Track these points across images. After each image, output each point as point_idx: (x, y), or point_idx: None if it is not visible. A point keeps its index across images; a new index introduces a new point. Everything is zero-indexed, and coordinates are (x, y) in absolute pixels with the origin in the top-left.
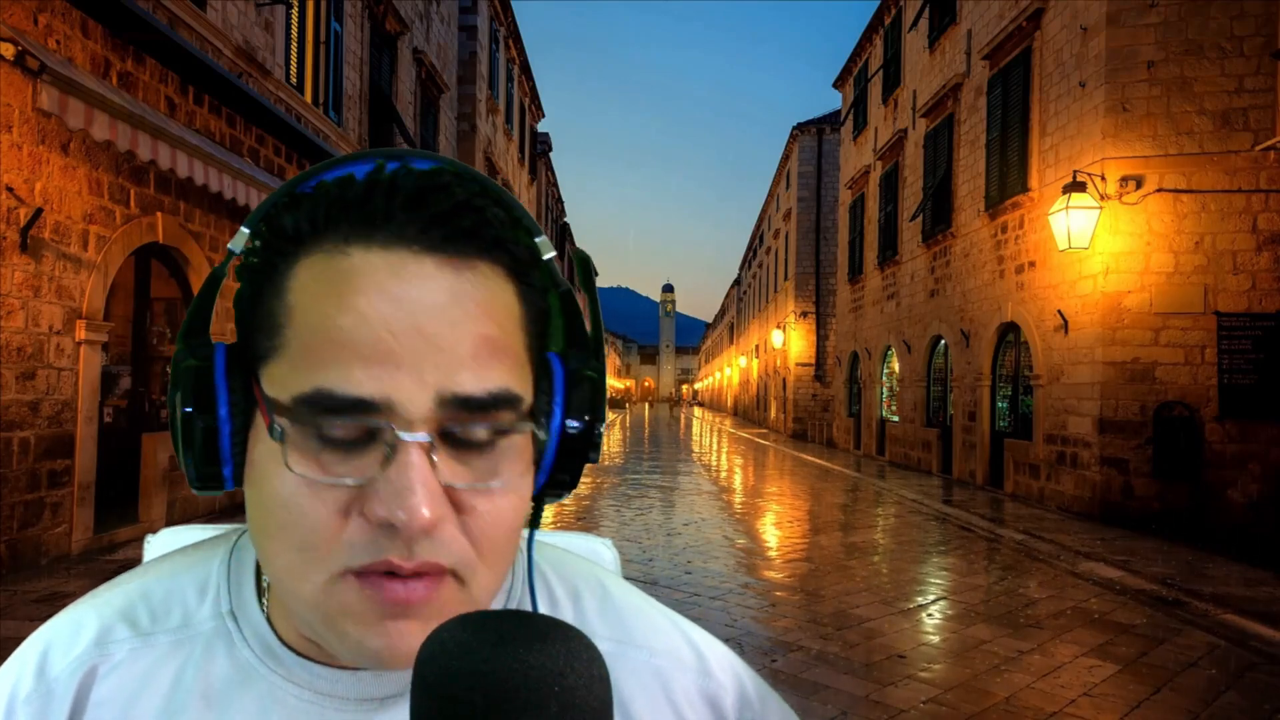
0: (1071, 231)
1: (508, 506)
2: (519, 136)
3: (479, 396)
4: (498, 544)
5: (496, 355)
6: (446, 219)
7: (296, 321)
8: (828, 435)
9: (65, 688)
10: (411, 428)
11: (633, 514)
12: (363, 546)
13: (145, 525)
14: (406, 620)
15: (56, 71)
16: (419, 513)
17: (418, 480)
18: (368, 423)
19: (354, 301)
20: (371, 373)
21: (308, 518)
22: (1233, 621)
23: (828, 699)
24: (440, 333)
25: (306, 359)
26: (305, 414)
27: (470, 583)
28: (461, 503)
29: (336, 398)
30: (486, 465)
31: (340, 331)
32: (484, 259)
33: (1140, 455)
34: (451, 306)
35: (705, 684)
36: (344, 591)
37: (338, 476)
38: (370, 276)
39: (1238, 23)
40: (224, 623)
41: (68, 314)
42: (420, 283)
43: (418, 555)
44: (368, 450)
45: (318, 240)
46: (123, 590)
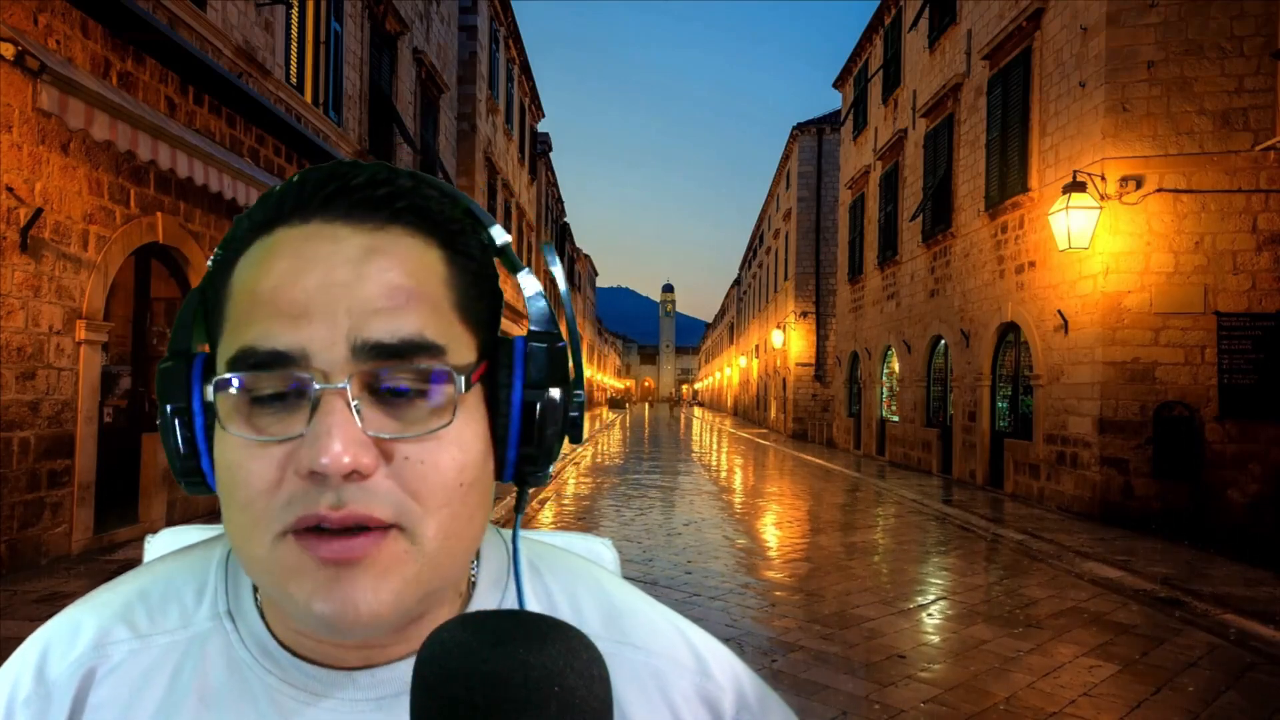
0: (1071, 231)
1: (446, 456)
2: (519, 136)
3: (391, 343)
4: (440, 495)
5: (410, 303)
6: (357, 189)
7: (233, 298)
8: (828, 435)
9: (64, 690)
10: (329, 378)
11: (633, 514)
12: (296, 501)
13: (145, 525)
14: (351, 582)
15: (56, 71)
16: (339, 458)
17: (336, 424)
18: (288, 375)
19: (271, 266)
20: (287, 326)
21: (246, 477)
22: (1233, 621)
23: (828, 699)
24: (350, 283)
25: (237, 325)
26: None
27: (419, 535)
28: (392, 452)
29: (258, 352)
30: (414, 415)
31: (261, 293)
32: (398, 223)
33: (1140, 455)
34: (362, 260)
35: (703, 685)
36: (286, 552)
37: (272, 435)
38: (286, 244)
39: (1238, 23)
40: (221, 623)
41: (68, 314)
42: (331, 242)
43: (347, 504)
44: (298, 408)
45: (255, 234)
46: (120, 592)
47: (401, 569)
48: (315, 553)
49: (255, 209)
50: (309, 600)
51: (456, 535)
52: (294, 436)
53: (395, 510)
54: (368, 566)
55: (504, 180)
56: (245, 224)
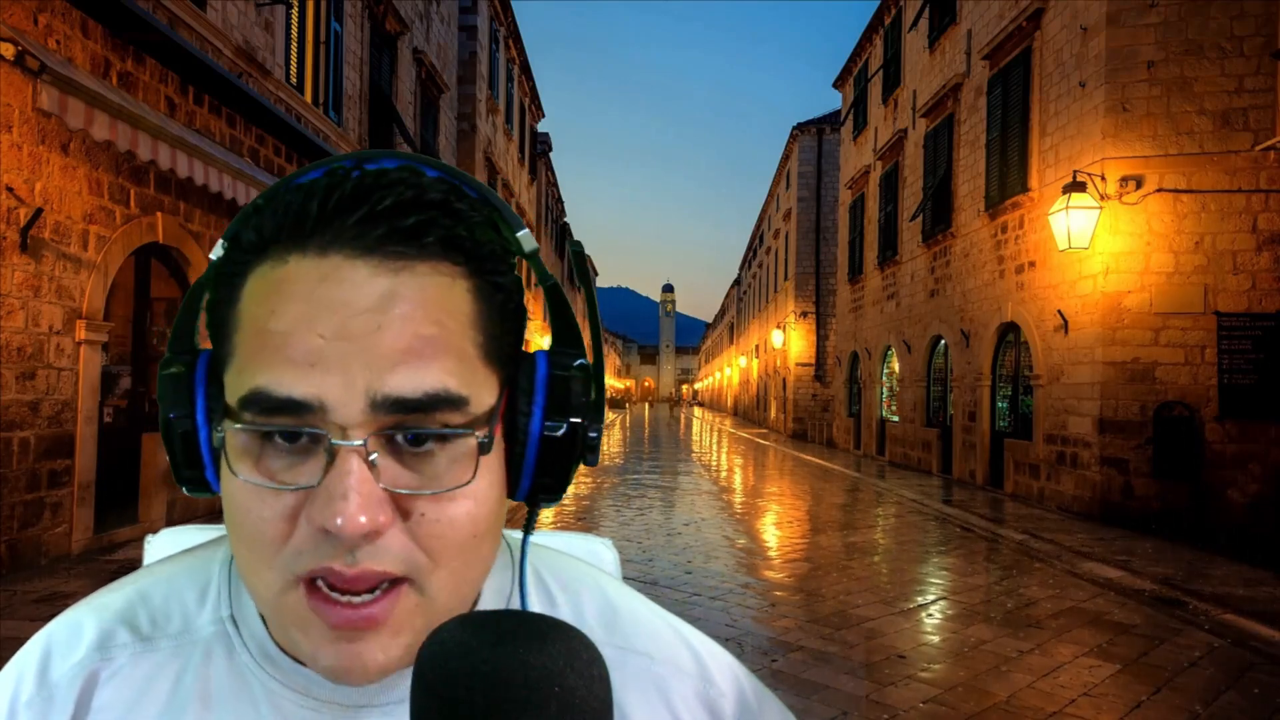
0: (1071, 231)
1: (462, 512)
2: (519, 136)
3: (413, 397)
4: (453, 550)
5: (433, 354)
6: (383, 218)
7: (243, 328)
8: (828, 435)
9: (66, 693)
10: (348, 433)
11: (633, 514)
12: (307, 552)
13: (145, 525)
14: (361, 642)
15: (56, 71)
16: (355, 520)
17: (352, 486)
18: (304, 427)
19: (285, 307)
20: (302, 374)
21: (256, 521)
22: (1233, 621)
23: (828, 699)
24: (369, 334)
25: (247, 363)
26: (246, 415)
27: (428, 589)
28: (408, 508)
29: (270, 397)
30: (434, 470)
31: (273, 336)
32: (424, 259)
33: (1140, 455)
34: (382, 308)
35: (705, 691)
36: (294, 602)
37: (282, 483)
38: (302, 282)
39: (1238, 23)
40: (224, 627)
41: (68, 314)
42: (351, 286)
43: (360, 562)
44: (311, 456)
45: (266, 251)
46: (122, 594)
47: (412, 624)
48: (324, 617)
49: (265, 214)
50: (315, 652)
51: (465, 581)
52: (304, 486)
53: (407, 566)
54: (379, 629)
55: (504, 180)
56: (253, 233)
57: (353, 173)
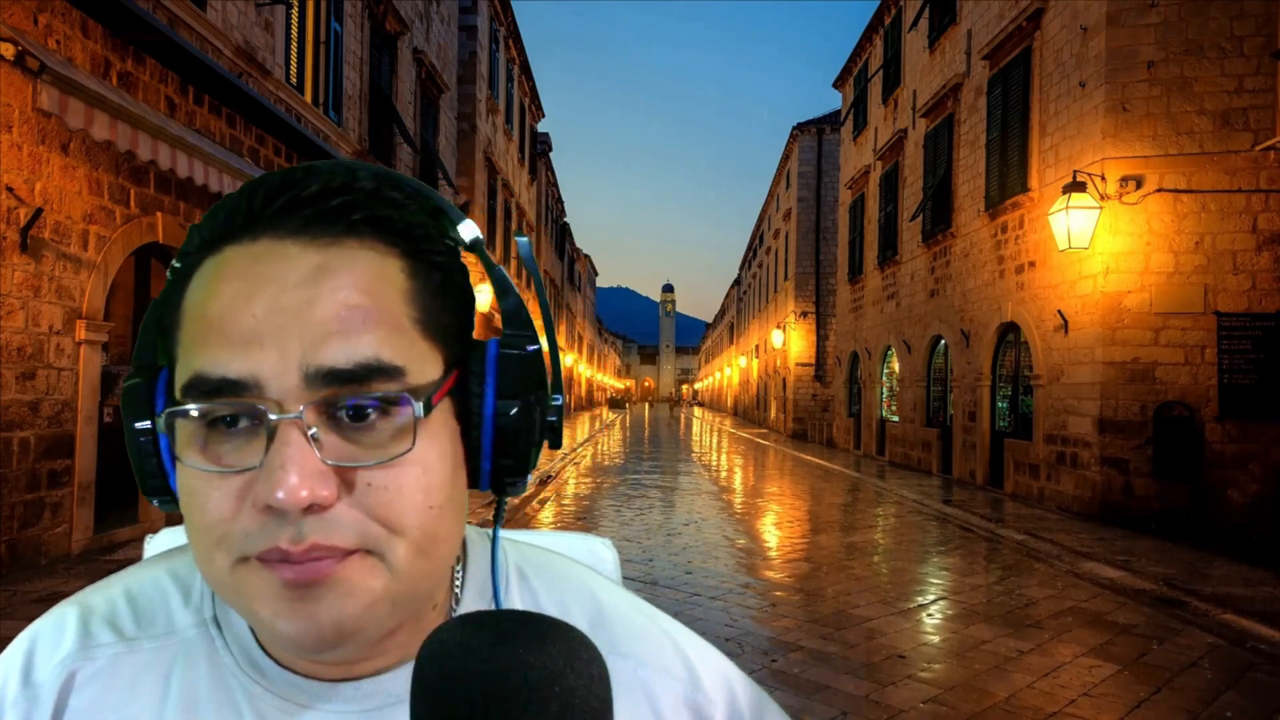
0: (1071, 231)
1: (409, 479)
2: (519, 136)
3: (346, 368)
4: (409, 518)
5: (365, 324)
6: (310, 201)
7: (183, 318)
8: (828, 435)
9: (49, 691)
10: (284, 407)
11: (633, 514)
12: (256, 533)
13: (145, 525)
14: (316, 600)
15: (56, 71)
16: (295, 492)
17: (291, 457)
18: (242, 405)
19: (220, 288)
20: (237, 352)
21: (204, 505)
22: (1233, 621)
23: (828, 699)
24: (302, 308)
25: (189, 350)
26: (188, 401)
27: (389, 557)
28: (352, 480)
29: (208, 379)
30: (375, 440)
31: (210, 317)
32: (354, 236)
33: (1140, 455)
34: (314, 281)
35: (693, 697)
36: (248, 574)
37: (227, 466)
38: (235, 264)
39: (1238, 23)
40: (207, 629)
41: (68, 314)
42: (282, 263)
43: (308, 537)
44: (254, 438)
45: (206, 251)
46: (107, 593)
47: (369, 583)
48: (278, 574)
49: (205, 222)
50: (274, 620)
51: (428, 554)
52: (251, 468)
53: (360, 538)
54: (332, 585)
55: (504, 180)
56: (196, 239)
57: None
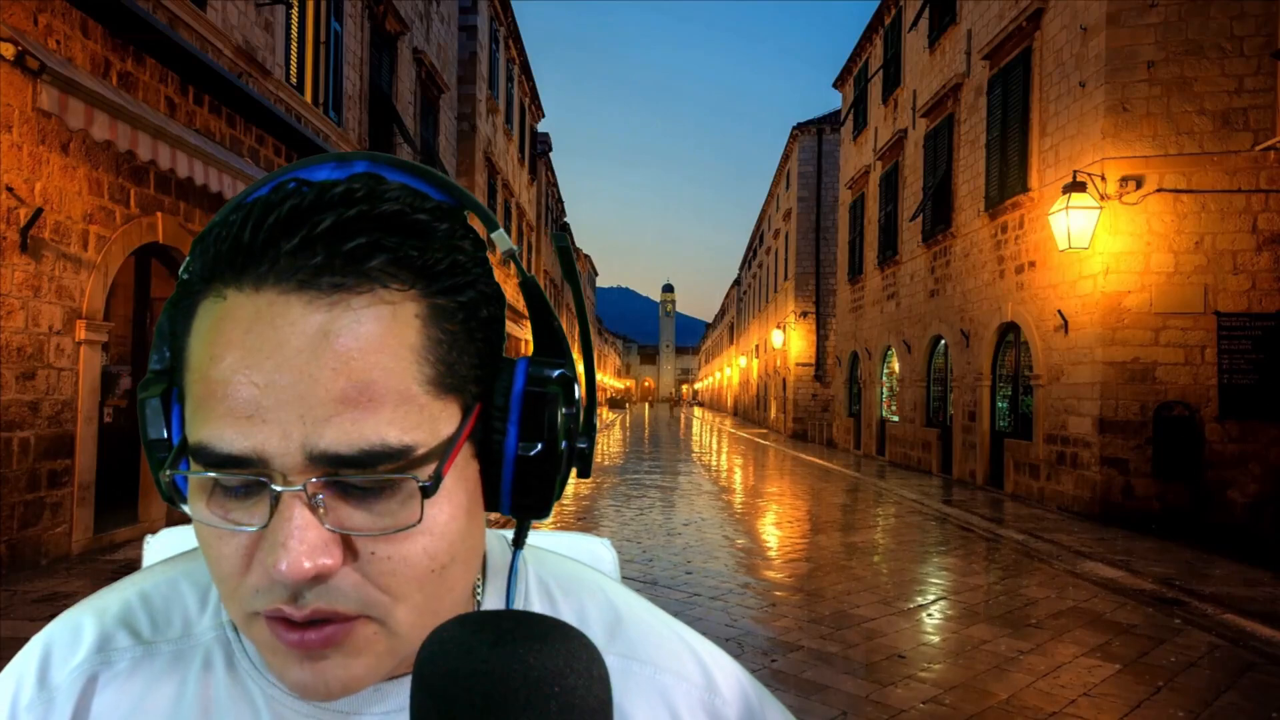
0: (1071, 231)
1: (416, 549)
2: (519, 136)
3: (348, 454)
4: (411, 586)
5: (370, 404)
6: (319, 242)
7: (190, 369)
8: (828, 435)
9: (66, 696)
10: (289, 479)
11: (633, 514)
12: (262, 592)
13: (145, 525)
14: (321, 660)
15: (56, 71)
16: (297, 565)
17: (293, 533)
18: (247, 477)
19: (222, 353)
20: (240, 430)
21: (216, 557)
22: (1233, 621)
23: (828, 699)
24: (302, 384)
25: (194, 411)
26: (195, 465)
27: (390, 622)
28: (357, 548)
29: (214, 453)
30: (384, 507)
31: (213, 385)
32: (365, 286)
33: (1140, 455)
34: (316, 353)
35: (710, 700)
36: (259, 630)
37: (235, 522)
38: (237, 323)
39: (1238, 23)
40: (224, 633)
41: (68, 314)
42: (285, 327)
43: (309, 604)
44: (259, 498)
45: (209, 284)
46: (122, 596)
47: (372, 648)
48: (283, 639)
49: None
50: (284, 671)
51: (433, 612)
52: (256, 528)
53: (361, 604)
54: (334, 651)
55: (504, 180)
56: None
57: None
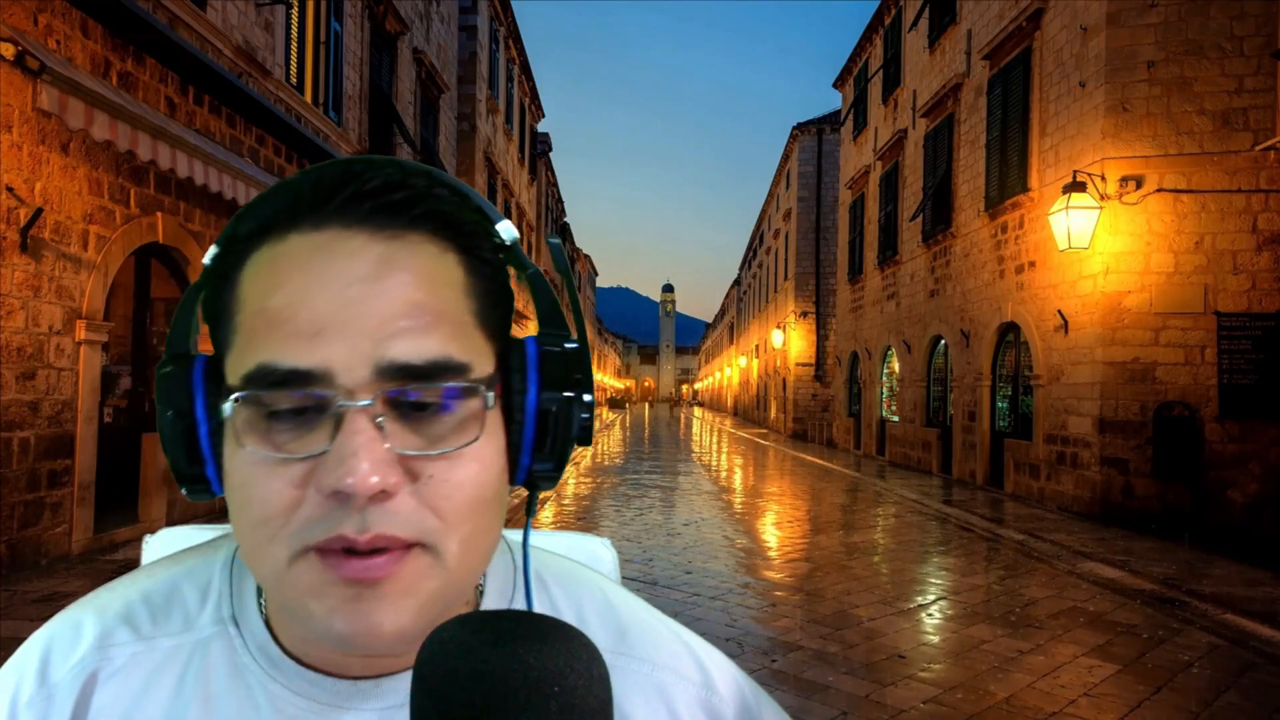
0: (1071, 231)
1: (469, 474)
2: (519, 136)
3: (416, 364)
4: (463, 511)
5: (433, 321)
6: (373, 194)
7: (242, 309)
8: (828, 435)
9: (67, 692)
10: (354, 395)
11: (633, 514)
12: (317, 521)
13: (145, 525)
14: (373, 600)
15: (56, 71)
16: (366, 479)
17: (362, 444)
18: (311, 393)
19: (285, 279)
20: (307, 345)
21: (264, 495)
22: (1233, 621)
23: (828, 699)
24: (369, 301)
25: (250, 340)
26: (252, 391)
27: (443, 553)
28: (416, 470)
29: (277, 370)
30: (439, 431)
31: (275, 309)
32: (416, 230)
33: (1140, 455)
34: (380, 275)
35: (707, 697)
36: (305, 570)
37: (291, 452)
38: (300, 254)
39: (1238, 23)
40: (225, 628)
41: (68, 314)
42: (347, 256)
43: (372, 527)
44: (318, 425)
45: (264, 237)
46: (122, 593)
47: (424, 585)
48: (338, 572)
49: (260, 207)
50: (329, 618)
51: (476, 549)
52: (315, 454)
53: (418, 530)
54: (390, 585)
55: (504, 180)
56: (250, 223)
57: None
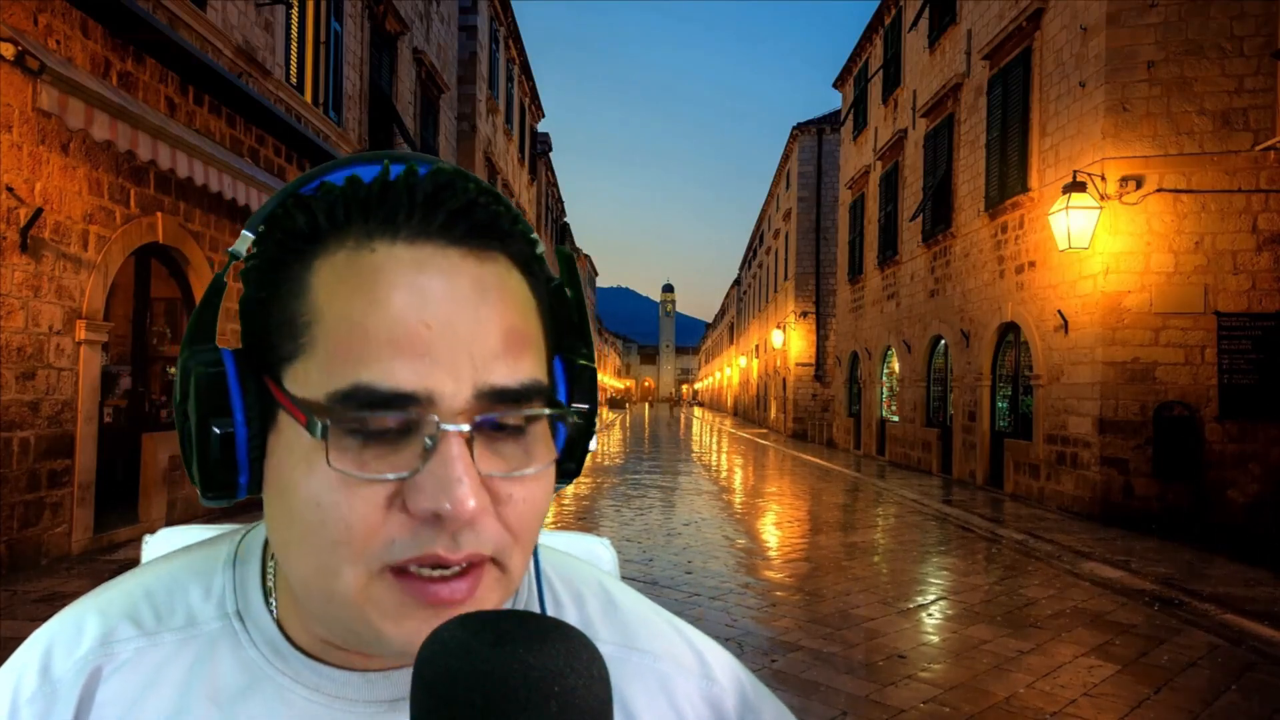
0: (1071, 231)
1: (540, 493)
2: (519, 136)
3: (513, 388)
4: (531, 529)
5: (524, 345)
6: (464, 213)
7: (325, 320)
8: (828, 435)
9: (70, 688)
10: (452, 419)
11: (633, 514)
12: (406, 541)
13: (145, 525)
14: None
15: (56, 71)
16: (465, 503)
17: (463, 470)
18: (409, 415)
19: (386, 296)
20: (410, 366)
21: (345, 515)
22: (1233, 621)
23: (828, 699)
24: (471, 324)
25: (341, 356)
26: (343, 410)
27: (509, 566)
28: (498, 492)
29: (378, 392)
30: (518, 453)
31: (374, 327)
32: (502, 250)
33: (1140, 455)
34: (478, 298)
35: (708, 688)
36: (383, 590)
37: (377, 472)
38: (398, 271)
39: (1238, 23)
40: (230, 623)
41: (68, 314)
42: (447, 276)
43: (464, 547)
44: (406, 445)
45: (338, 238)
46: (125, 589)
47: (491, 598)
48: (421, 595)
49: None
50: (408, 640)
51: (528, 557)
52: (404, 476)
53: (496, 547)
54: (465, 603)
55: (504, 180)
56: (322, 218)
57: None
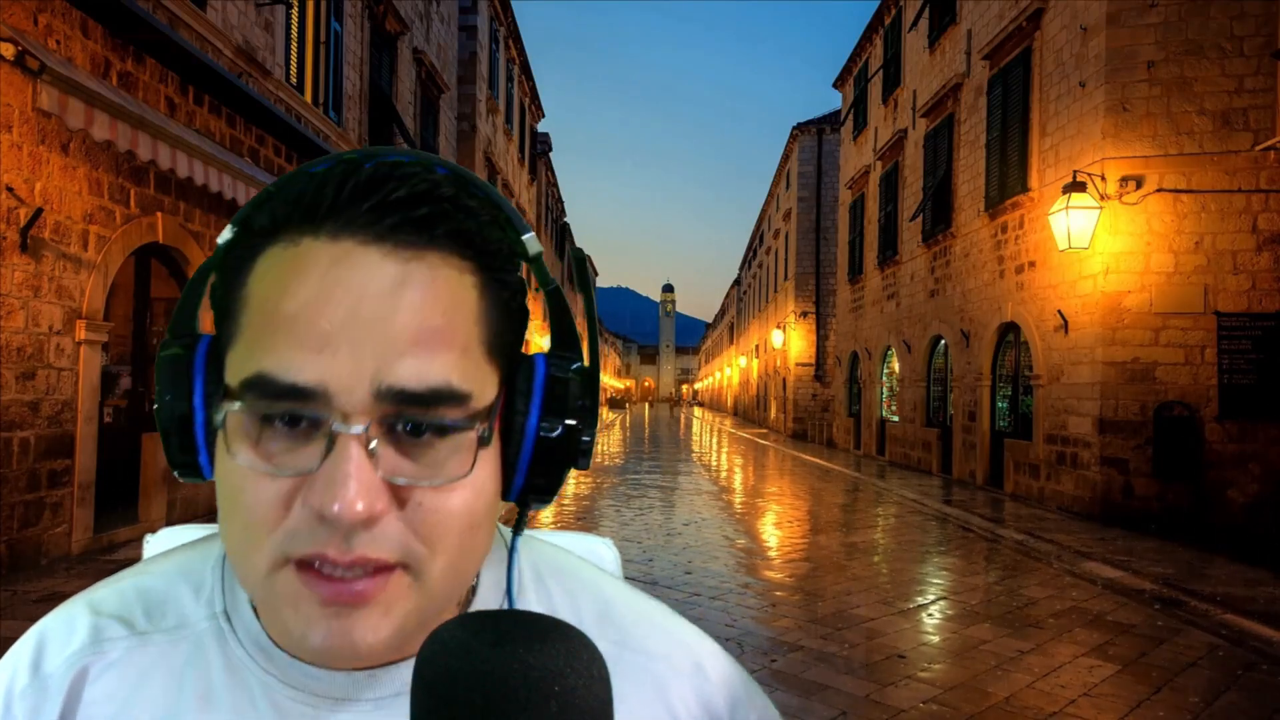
0: (1071, 231)
1: (459, 502)
2: (519, 136)
3: (417, 391)
4: (450, 539)
5: (439, 347)
6: (396, 207)
7: (249, 308)
8: (828, 435)
9: (59, 684)
10: (349, 419)
11: (633, 514)
12: (302, 536)
13: (145, 525)
14: (349, 617)
15: (56, 71)
16: (351, 506)
17: (351, 473)
18: (305, 412)
19: (296, 288)
20: (309, 359)
21: (251, 503)
22: (1233, 621)
23: (828, 699)
24: (378, 319)
25: (253, 344)
26: (248, 398)
27: (424, 574)
28: (404, 497)
29: (275, 383)
30: (432, 459)
31: (282, 317)
32: (436, 249)
33: (1140, 455)
34: (393, 294)
35: (701, 688)
36: (284, 580)
37: (280, 466)
38: (314, 264)
39: (1238, 23)
40: (218, 623)
41: (68, 314)
42: (363, 270)
43: (355, 549)
44: (310, 441)
45: (278, 234)
46: (117, 589)
47: (403, 605)
48: (316, 590)
49: (279, 198)
50: (306, 630)
51: (460, 570)
52: (304, 472)
53: (401, 553)
54: (370, 606)
55: (504, 180)
56: (266, 216)
57: (365, 164)
